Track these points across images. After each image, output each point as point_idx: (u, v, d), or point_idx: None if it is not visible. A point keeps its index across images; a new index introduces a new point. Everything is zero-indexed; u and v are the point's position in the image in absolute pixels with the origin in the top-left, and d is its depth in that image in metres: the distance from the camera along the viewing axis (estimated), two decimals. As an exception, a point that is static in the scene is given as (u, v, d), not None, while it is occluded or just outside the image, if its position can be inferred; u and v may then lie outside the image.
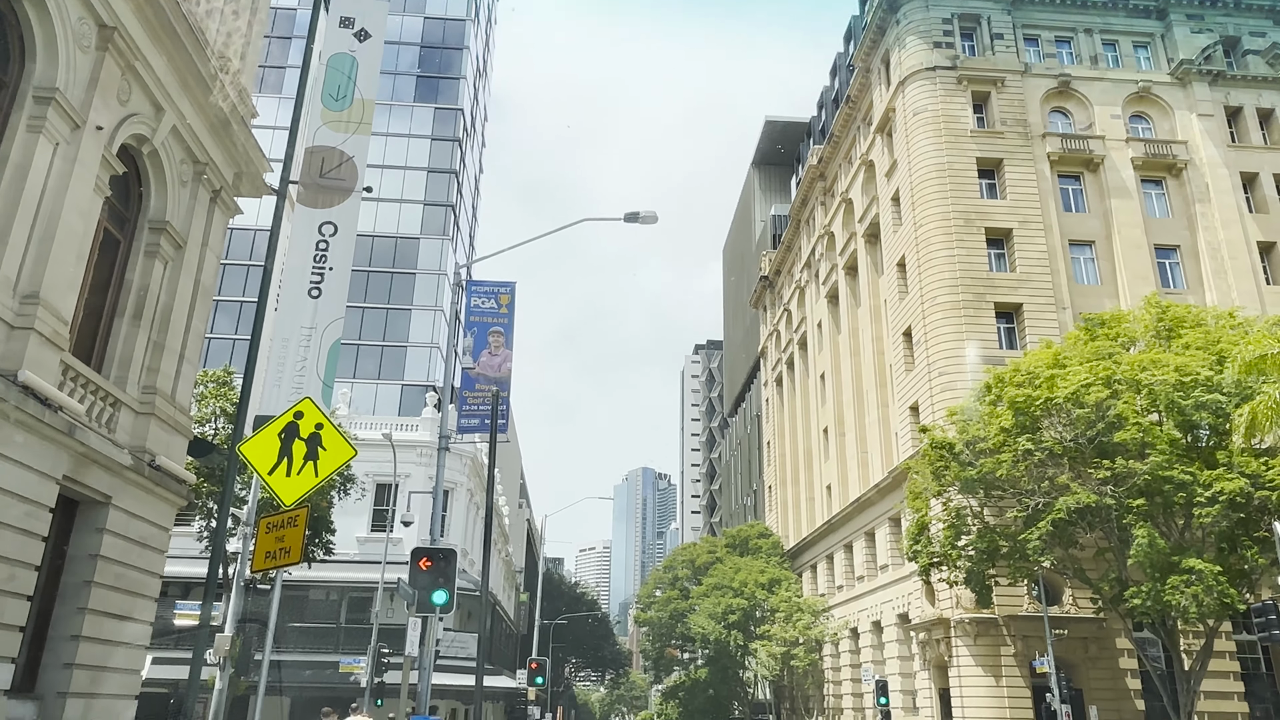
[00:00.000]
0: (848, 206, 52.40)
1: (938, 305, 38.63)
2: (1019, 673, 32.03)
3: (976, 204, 40.38)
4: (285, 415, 8.72)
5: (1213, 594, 23.51)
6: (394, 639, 31.18)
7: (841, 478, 49.77)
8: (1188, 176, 41.66)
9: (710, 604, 51.41)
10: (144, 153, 13.23)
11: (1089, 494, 25.61)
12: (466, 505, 46.06)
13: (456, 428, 19.13)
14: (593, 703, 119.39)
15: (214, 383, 28.35)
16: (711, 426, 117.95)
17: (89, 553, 11.92)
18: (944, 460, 29.19)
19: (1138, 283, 38.20)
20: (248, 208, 19.06)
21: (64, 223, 10.94)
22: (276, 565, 9.30)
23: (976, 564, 28.39)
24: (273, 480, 8.45)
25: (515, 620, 64.06)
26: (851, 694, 44.81)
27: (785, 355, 65.36)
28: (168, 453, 13.54)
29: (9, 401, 9.80)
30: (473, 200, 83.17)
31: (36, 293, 10.48)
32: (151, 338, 13.44)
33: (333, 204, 16.16)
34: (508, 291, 18.39)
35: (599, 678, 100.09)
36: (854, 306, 51.06)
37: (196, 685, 15.83)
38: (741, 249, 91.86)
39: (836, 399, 51.94)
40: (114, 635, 12.30)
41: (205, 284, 14.83)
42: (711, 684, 54.19)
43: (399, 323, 67.32)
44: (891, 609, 40.51)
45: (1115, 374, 26.68)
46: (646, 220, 18.17)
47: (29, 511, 10.33)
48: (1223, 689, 31.45)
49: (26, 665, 11.10)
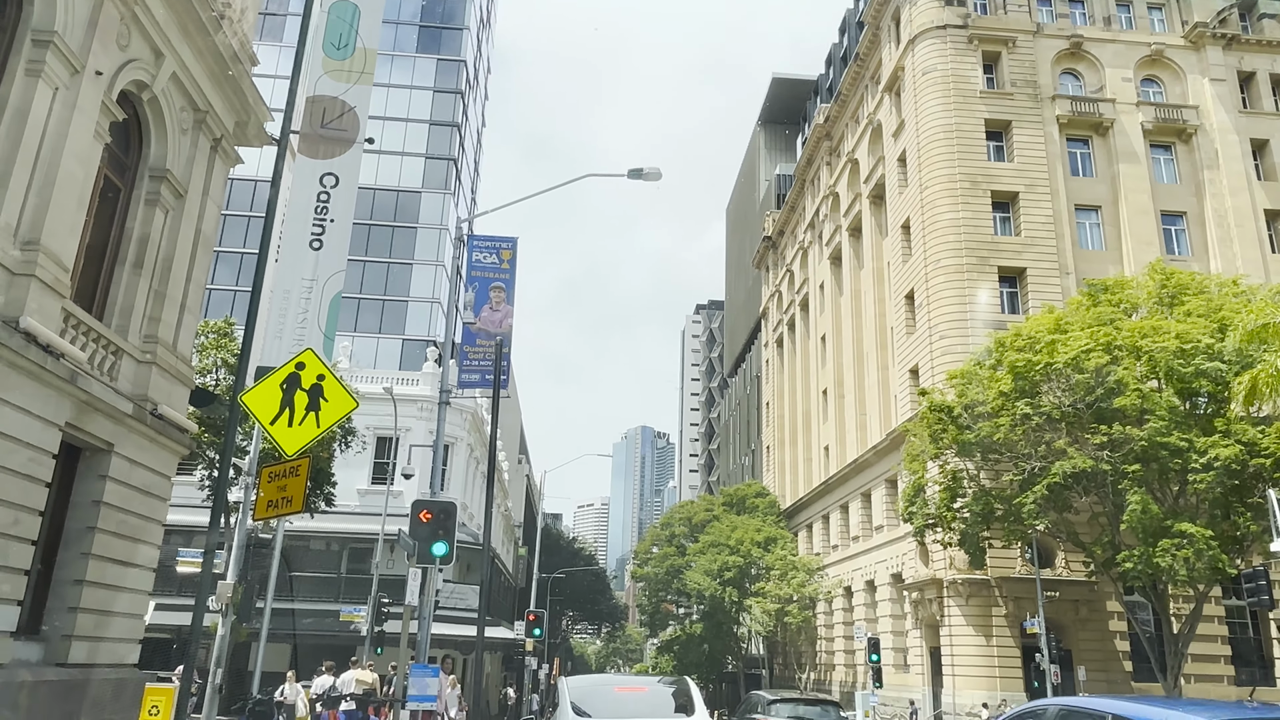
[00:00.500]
0: (853, 167, 51.96)
1: (941, 268, 38.49)
2: (1009, 633, 32.49)
3: (983, 166, 40.03)
4: (287, 366, 8.74)
5: (1204, 558, 23.76)
6: (394, 589, 31.59)
7: (839, 439, 50.02)
8: (1197, 142, 41.24)
9: (706, 561, 52.00)
10: (144, 99, 13.09)
11: (1085, 459, 25.76)
12: (466, 460, 46.35)
13: (457, 382, 19.18)
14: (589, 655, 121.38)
15: (215, 334, 28.36)
16: (711, 386, 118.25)
17: (92, 499, 12.03)
18: (942, 423, 29.32)
19: (1143, 249, 38.02)
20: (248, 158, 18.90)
21: (64, 169, 10.86)
22: (279, 514, 9.40)
23: (971, 526, 28.66)
24: (275, 430, 8.50)
25: (514, 574, 64.83)
26: (843, 650, 45.51)
27: (786, 316, 65.28)
28: (169, 402, 13.59)
29: (11, 348, 9.82)
30: (475, 154, 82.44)
31: (37, 239, 10.44)
32: (153, 287, 13.42)
33: (334, 155, 16.04)
34: (510, 247, 18.32)
35: (595, 631, 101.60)
36: (857, 268, 50.88)
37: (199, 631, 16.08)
38: (745, 209, 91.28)
39: (836, 361, 51.99)
40: (117, 580, 12.46)
41: (206, 233, 14.76)
42: (706, 638, 55.03)
43: (400, 277, 67.14)
44: (885, 569, 40.97)
45: (1116, 340, 26.68)
46: (650, 177, 18.03)
47: (32, 457, 10.40)
48: (1210, 652, 31.94)
49: (32, 608, 11.27)
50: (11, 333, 9.85)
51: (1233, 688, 32.32)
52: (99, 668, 12.11)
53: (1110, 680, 31.60)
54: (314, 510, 30.28)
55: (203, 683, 20.84)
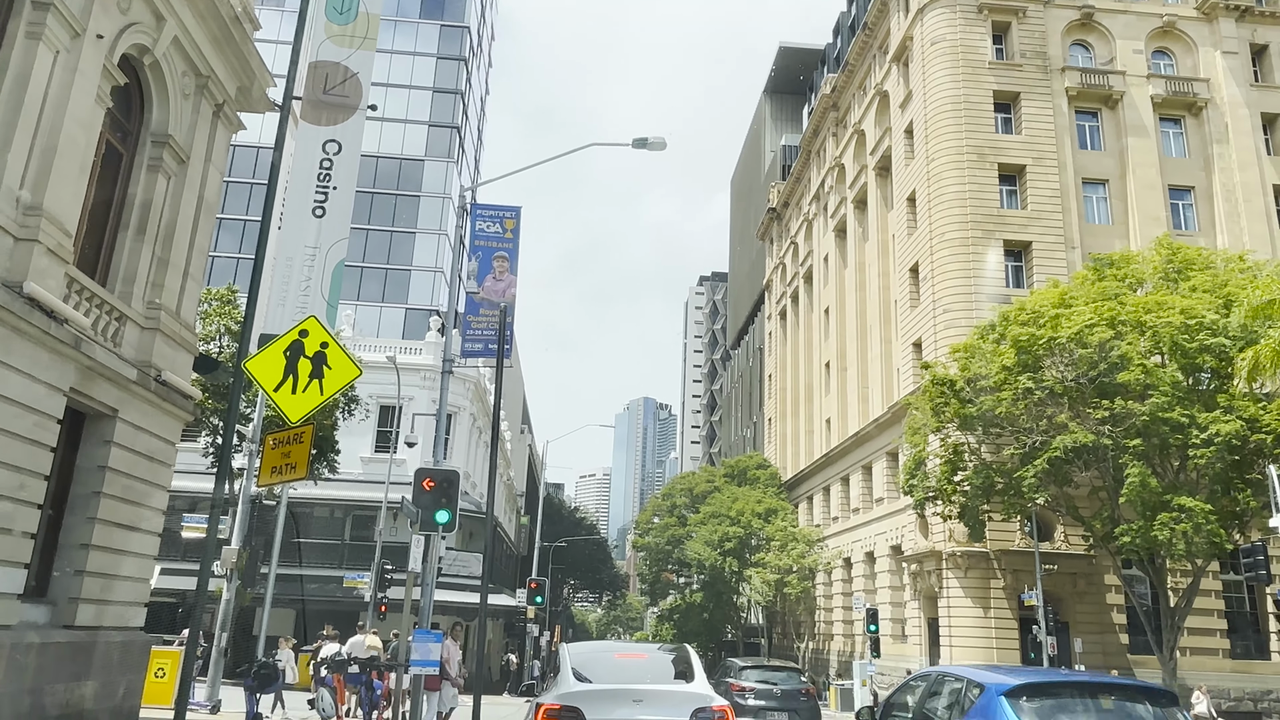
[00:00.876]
0: (859, 138, 51.55)
1: (946, 241, 38.32)
2: (1007, 605, 32.75)
3: (991, 138, 39.70)
4: (290, 333, 8.74)
5: (1202, 533, 23.87)
6: (397, 556, 31.85)
7: (841, 412, 50.10)
8: (1207, 116, 40.83)
9: (707, 531, 52.34)
10: (145, 64, 12.99)
11: (1087, 433, 25.80)
12: (469, 430, 46.52)
13: (460, 352, 19.19)
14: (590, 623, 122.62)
15: (218, 301, 28.40)
16: (714, 358, 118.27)
17: (97, 464, 12.11)
18: (944, 397, 29.34)
19: (1149, 224, 37.79)
20: (251, 125, 18.80)
21: (66, 134, 10.81)
22: (283, 480, 9.45)
23: (971, 499, 28.79)
24: (278, 397, 8.53)
25: (516, 542, 65.31)
26: (842, 620, 45.92)
27: (790, 289, 65.11)
28: (173, 368, 13.63)
29: (15, 313, 9.84)
30: (478, 122, 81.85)
31: (40, 205, 10.42)
32: (156, 253, 13.41)
33: (336, 121, 15.94)
34: (513, 216, 18.24)
35: (596, 599, 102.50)
36: (861, 241, 50.66)
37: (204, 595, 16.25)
38: (750, 180, 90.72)
39: (840, 334, 51.94)
40: (122, 545, 12.58)
41: (209, 200, 14.72)
42: (706, 608, 55.54)
43: (403, 246, 66.97)
44: (885, 540, 41.22)
45: (1120, 315, 26.62)
46: (655, 146, 17.91)
47: (37, 422, 10.46)
48: (1206, 626, 32.19)
49: (39, 571, 11.39)
50: (15, 298, 9.86)
51: (1227, 660, 32.62)
52: (105, 630, 12.27)
53: (1106, 652, 31.89)
54: (318, 477, 30.48)
55: (208, 646, 21.14)
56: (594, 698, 7.66)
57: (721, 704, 7.84)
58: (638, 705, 7.54)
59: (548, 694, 8.02)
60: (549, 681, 8.53)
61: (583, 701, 7.59)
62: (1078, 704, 7.80)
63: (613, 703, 7.57)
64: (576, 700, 7.60)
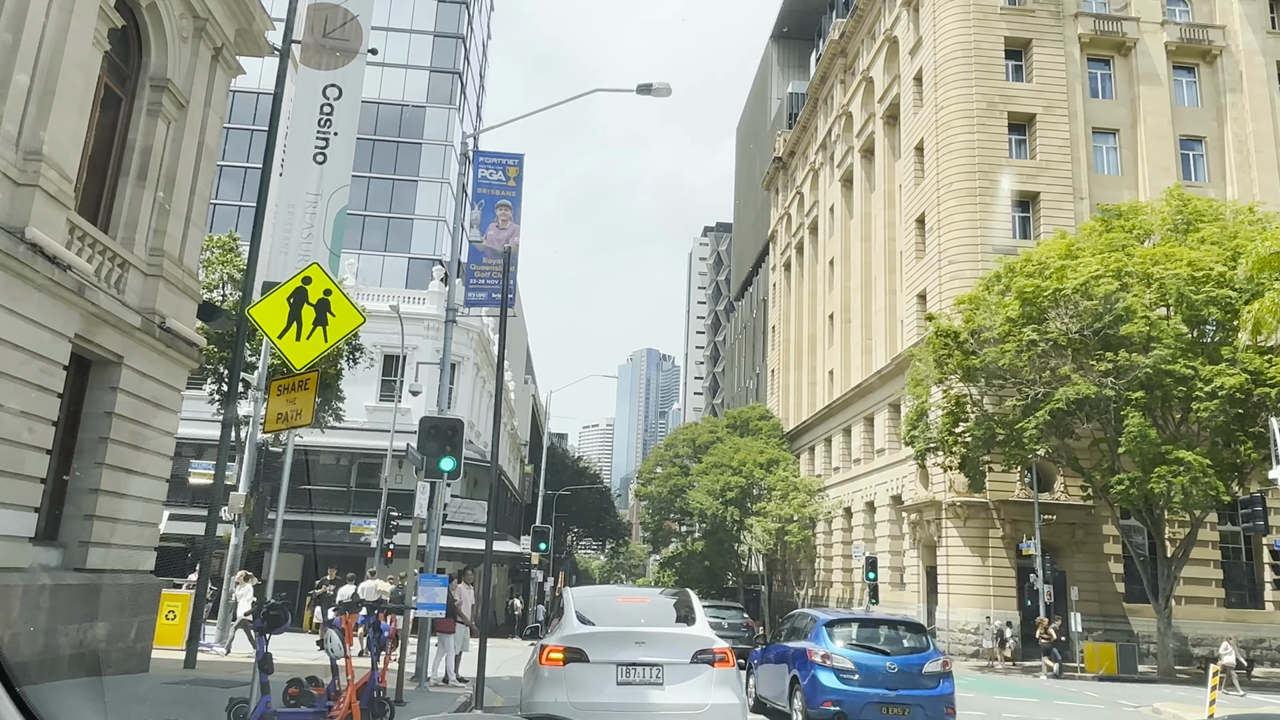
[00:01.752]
0: (868, 85, 50.76)
1: (953, 191, 37.95)
2: (1005, 554, 33.13)
3: (1001, 86, 39.08)
4: (293, 280, 8.73)
5: (1199, 485, 24.03)
6: (403, 503, 32.19)
7: (844, 364, 50.14)
8: (1221, 64, 40.09)
9: (709, 481, 52.76)
10: (142, 5, 12.78)
11: (1089, 385, 25.83)
12: (473, 380, 46.65)
13: (464, 301, 19.15)
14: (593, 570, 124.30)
15: (221, 249, 28.29)
16: (717, 309, 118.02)
17: (104, 410, 12.20)
18: (948, 348, 29.33)
19: (1159, 174, 37.35)
20: (251, 70, 18.54)
21: (64, 77, 10.68)
22: (288, 426, 9.51)
23: (972, 450, 28.94)
24: (283, 344, 8.54)
25: (520, 490, 65.94)
26: (841, 569, 46.51)
27: (795, 239, 64.70)
28: (177, 315, 13.65)
29: (18, 259, 9.82)
30: (480, 68, 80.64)
31: (39, 149, 10.33)
32: (157, 199, 13.33)
33: (337, 65, 15.71)
34: (516, 163, 18.05)
35: (599, 547, 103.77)
36: (868, 191, 50.19)
37: (212, 539, 16.50)
38: (756, 128, 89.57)
39: (844, 285, 51.73)
40: (130, 489, 12.73)
41: (209, 145, 14.59)
42: (707, 555, 56.25)
43: (405, 195, 66.48)
44: (885, 490, 41.56)
45: (1127, 266, 26.47)
46: (659, 93, 17.65)
47: (43, 368, 10.51)
48: (1202, 575, 32.59)
49: (49, 515, 11.55)
50: (17, 243, 9.84)
51: (1222, 609, 33.10)
52: (116, 573, 12.47)
53: (1102, 600, 32.34)
54: (324, 425, 30.66)
55: (217, 589, 21.51)
56: (597, 639, 7.80)
57: (722, 645, 7.98)
58: (640, 647, 7.68)
59: (552, 636, 8.17)
60: (553, 625, 8.69)
61: (586, 643, 7.73)
62: (865, 630, 12.80)
63: (615, 644, 7.71)
64: (580, 642, 7.74)
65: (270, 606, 7.62)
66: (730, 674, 7.84)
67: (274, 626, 7.51)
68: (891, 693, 11.31)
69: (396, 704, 11.19)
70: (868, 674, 11.42)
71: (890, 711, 11.24)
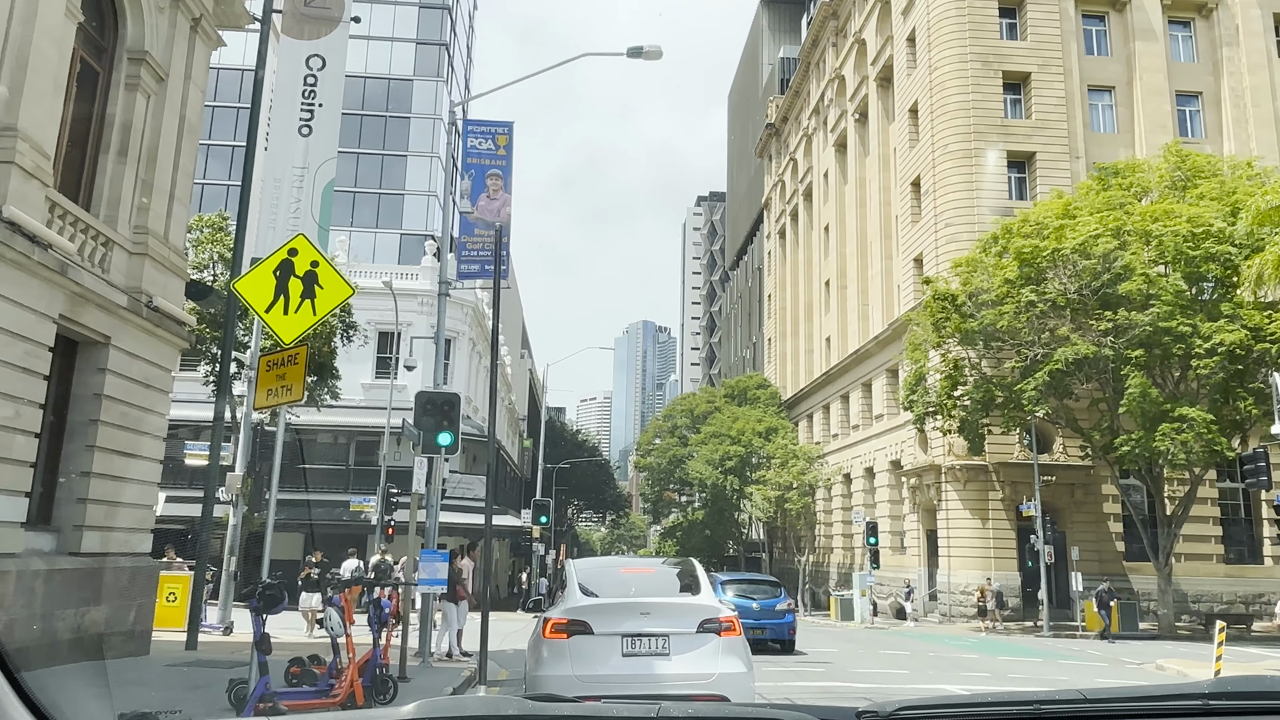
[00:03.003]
0: (860, 48, 50.12)
1: (949, 153, 37.57)
2: (1005, 516, 33.18)
3: (995, 45, 38.55)
4: (279, 252, 8.49)
5: (1202, 441, 23.99)
6: (402, 480, 32.10)
7: (841, 330, 49.98)
8: (1218, 17, 39.56)
9: (708, 451, 52.78)
10: (115, -26, 12.41)
11: (1088, 345, 25.71)
12: (469, 354, 46.43)
13: (457, 274, 18.90)
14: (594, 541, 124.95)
15: (209, 228, 27.95)
16: (713, 279, 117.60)
17: (93, 392, 12.00)
18: (945, 312, 29.16)
19: (1156, 131, 36.96)
20: (235, 46, 18.15)
21: (36, 49, 10.35)
22: (279, 403, 9.32)
23: (971, 414, 28.88)
24: (270, 318, 8.33)
25: (519, 465, 65.96)
26: (841, 534, 46.67)
27: (789, 206, 64.26)
28: (165, 294, 13.41)
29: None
30: (467, 38, 79.56)
31: (14, 125, 10.04)
32: (139, 175, 13.04)
33: (319, 35, 15.33)
34: (505, 131, 17.73)
35: (600, 519, 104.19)
36: (862, 155, 49.73)
37: (210, 520, 16.35)
38: (748, 95, 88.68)
39: (840, 251, 51.43)
40: (123, 471, 12.56)
41: (191, 120, 14.27)
42: (707, 525, 56.44)
43: (395, 170, 65.81)
44: (884, 456, 41.57)
45: (1125, 225, 26.25)
46: (650, 55, 17.29)
47: (28, 350, 10.29)
48: (1201, 533, 32.67)
49: (42, 500, 11.38)
50: (-5, 222, 9.58)
51: (1221, 565, 33.24)
52: (112, 556, 12.33)
53: (1102, 559, 32.44)
54: (320, 404, 30.48)
55: (216, 570, 21.43)
56: (601, 611, 7.67)
57: (729, 614, 7.86)
58: (644, 618, 7.55)
59: (555, 608, 8.04)
60: (556, 597, 8.56)
61: (590, 615, 7.60)
62: (742, 585, 21.21)
63: (620, 615, 7.58)
64: (584, 614, 7.62)
65: (266, 586, 7.47)
66: (737, 642, 7.72)
67: (270, 606, 7.37)
68: (756, 621, 18.39)
69: (400, 680, 11.12)
70: (744, 611, 15.84)
71: (756, 633, 17.42)
